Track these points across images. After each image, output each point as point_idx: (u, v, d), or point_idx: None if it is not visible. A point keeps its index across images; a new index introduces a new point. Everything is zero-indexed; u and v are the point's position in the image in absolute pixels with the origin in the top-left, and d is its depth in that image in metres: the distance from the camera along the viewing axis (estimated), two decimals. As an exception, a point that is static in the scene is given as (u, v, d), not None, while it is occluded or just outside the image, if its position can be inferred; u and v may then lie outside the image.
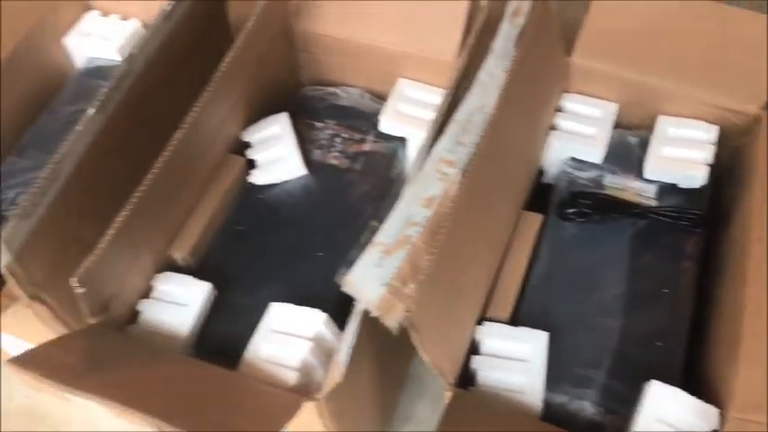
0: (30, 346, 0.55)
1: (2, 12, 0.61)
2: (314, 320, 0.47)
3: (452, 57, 0.58)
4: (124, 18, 0.68)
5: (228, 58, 0.51)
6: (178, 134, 0.47)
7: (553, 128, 0.58)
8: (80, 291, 0.41)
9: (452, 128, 0.42)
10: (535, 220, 0.53)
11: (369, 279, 0.37)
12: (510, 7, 0.49)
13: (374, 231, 0.38)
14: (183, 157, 0.48)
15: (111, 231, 0.43)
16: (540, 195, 0.57)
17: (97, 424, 0.71)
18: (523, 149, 0.54)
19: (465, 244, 0.43)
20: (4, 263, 0.42)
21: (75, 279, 0.40)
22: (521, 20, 0.49)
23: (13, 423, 0.70)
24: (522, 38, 0.49)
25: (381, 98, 0.64)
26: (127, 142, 0.51)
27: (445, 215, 0.40)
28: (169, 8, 0.51)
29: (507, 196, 0.51)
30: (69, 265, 0.48)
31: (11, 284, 0.44)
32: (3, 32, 0.61)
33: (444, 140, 0.42)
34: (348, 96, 0.63)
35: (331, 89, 0.64)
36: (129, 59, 0.48)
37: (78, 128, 0.45)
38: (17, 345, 0.57)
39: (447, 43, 0.59)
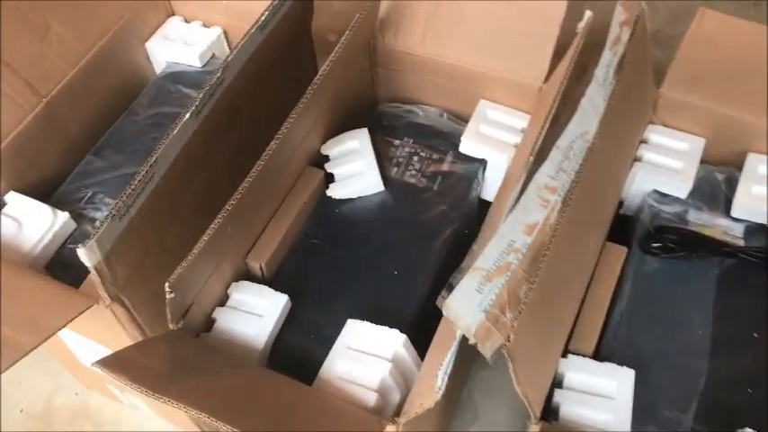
0: (93, 343, 0.55)
1: (88, 13, 0.62)
2: (393, 341, 0.46)
3: (539, 81, 0.58)
4: (206, 25, 0.69)
5: (321, 72, 0.51)
6: (271, 147, 0.47)
7: (637, 159, 0.57)
8: (170, 296, 0.41)
9: (554, 154, 0.41)
10: (619, 252, 0.52)
11: (468, 304, 0.36)
12: (611, 34, 0.48)
13: (475, 255, 0.37)
14: (271, 168, 0.48)
15: (204, 239, 0.42)
16: (618, 226, 0.56)
17: (146, 425, 0.71)
18: (613, 179, 0.53)
19: (559, 274, 0.42)
20: (93, 262, 0.41)
21: (168, 285, 0.40)
22: (620, 48, 0.48)
23: (58, 422, 0.70)
24: (622, 66, 0.48)
25: (460, 118, 0.63)
26: (214, 148, 0.51)
27: (545, 244, 0.39)
28: (263, 18, 0.51)
29: (596, 226, 0.49)
30: (149, 268, 0.48)
31: (94, 285, 0.44)
32: (88, 33, 0.62)
33: (547, 166, 0.41)
34: (427, 115, 0.63)
35: (409, 107, 0.64)
36: (225, 67, 0.48)
37: (173, 132, 0.45)
38: (79, 341, 0.57)
39: (534, 67, 0.58)
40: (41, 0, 0.59)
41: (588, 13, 0.51)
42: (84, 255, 0.40)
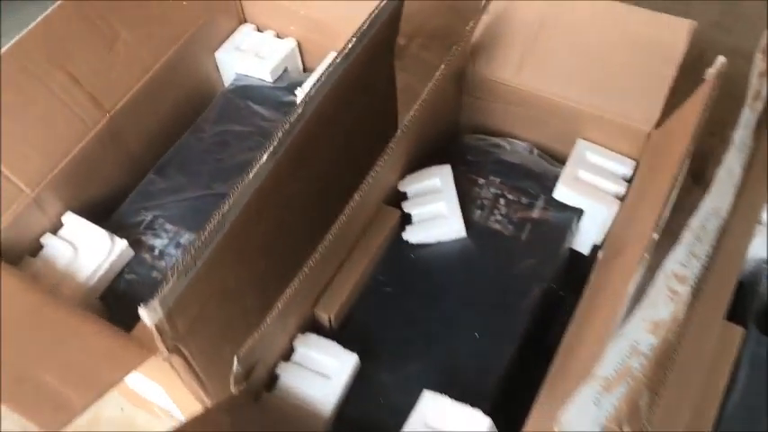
0: (151, 383, 0.52)
1: (160, 19, 0.58)
2: (476, 424, 0.41)
3: (648, 125, 0.51)
4: (280, 36, 0.64)
5: (414, 112, 0.46)
6: (355, 199, 0.42)
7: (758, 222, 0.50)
8: (237, 368, 0.36)
9: (687, 237, 0.36)
10: (736, 334, 0.46)
11: (584, 420, 0.31)
12: (750, 89, 0.41)
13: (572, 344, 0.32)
14: (350, 214, 0.43)
15: (278, 306, 0.38)
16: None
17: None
18: (736, 251, 0.46)
19: (682, 374, 0.36)
20: (154, 321, 0.37)
21: (237, 358, 0.36)
22: (760, 104, 0.42)
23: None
24: (760, 126, 0.41)
25: (552, 155, 0.57)
26: (286, 186, 0.46)
27: (672, 345, 0.33)
28: (350, 47, 0.46)
29: (719, 308, 0.43)
30: (209, 315, 0.44)
31: (153, 339, 0.40)
32: (158, 42, 0.58)
33: (678, 252, 0.35)
34: (515, 150, 0.57)
35: (496, 140, 0.58)
36: (306, 102, 0.43)
37: (248, 177, 0.40)
38: (138, 379, 0.53)
39: (644, 109, 0.51)
40: (111, 3, 0.55)
41: (721, 60, 0.44)
42: (146, 315, 0.36)
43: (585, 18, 0.53)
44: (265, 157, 0.41)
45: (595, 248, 0.54)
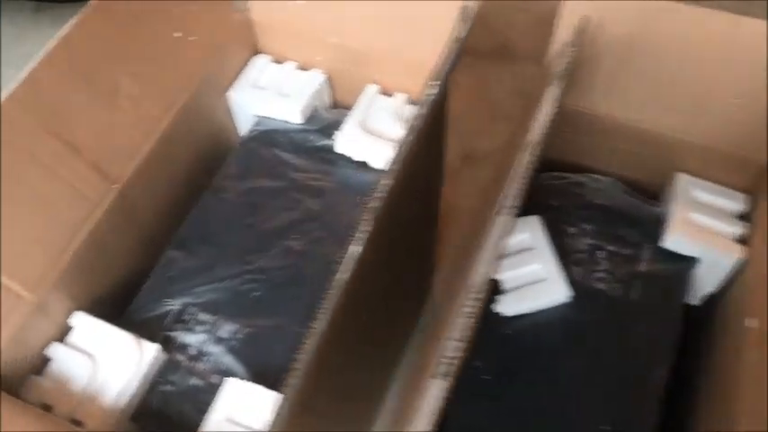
0: None
1: (164, 62, 0.47)
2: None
3: (762, 154, 0.44)
4: (303, 67, 0.54)
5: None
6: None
7: None
8: None
9: None
10: None
11: None
12: None
13: None
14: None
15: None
16: None
17: None
18: None
19: None
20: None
21: None
22: None
23: None
24: None
25: (643, 191, 0.49)
26: (374, 273, 0.37)
27: None
28: (416, 123, 0.36)
29: None
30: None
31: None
32: (166, 89, 0.47)
33: None
34: (601, 189, 0.49)
35: (576, 177, 0.50)
36: (392, 173, 0.34)
37: (341, 275, 0.31)
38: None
39: (756, 137, 0.44)
40: (107, 46, 0.44)
41: None
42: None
43: (682, 33, 0.46)
44: (358, 250, 0.31)
45: (711, 299, 0.47)
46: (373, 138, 0.50)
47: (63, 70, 0.41)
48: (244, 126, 0.54)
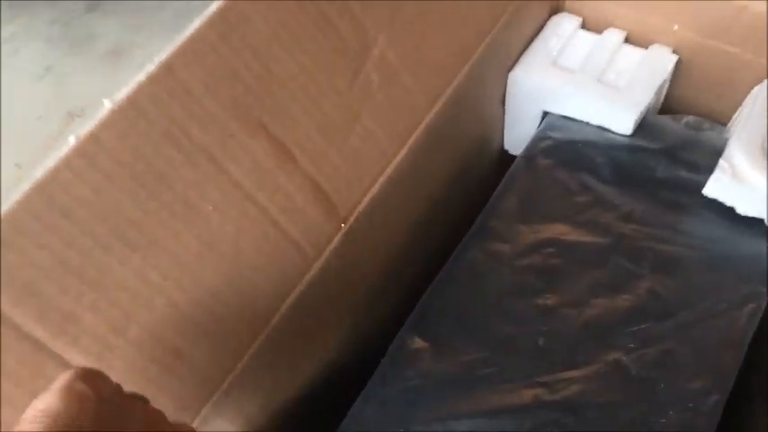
0: None
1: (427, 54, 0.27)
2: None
3: None
4: (635, 42, 0.32)
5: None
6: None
7: None
8: None
9: None
10: None
11: None
12: None
13: None
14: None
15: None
16: None
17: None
18: None
19: None
20: None
21: None
22: None
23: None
24: None
25: None
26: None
27: None
28: None
29: None
30: None
31: None
32: (419, 100, 0.27)
33: None
34: None
35: None
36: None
37: None
38: None
39: None
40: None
41: None
42: None
43: None
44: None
45: None
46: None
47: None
48: (523, 133, 0.33)
